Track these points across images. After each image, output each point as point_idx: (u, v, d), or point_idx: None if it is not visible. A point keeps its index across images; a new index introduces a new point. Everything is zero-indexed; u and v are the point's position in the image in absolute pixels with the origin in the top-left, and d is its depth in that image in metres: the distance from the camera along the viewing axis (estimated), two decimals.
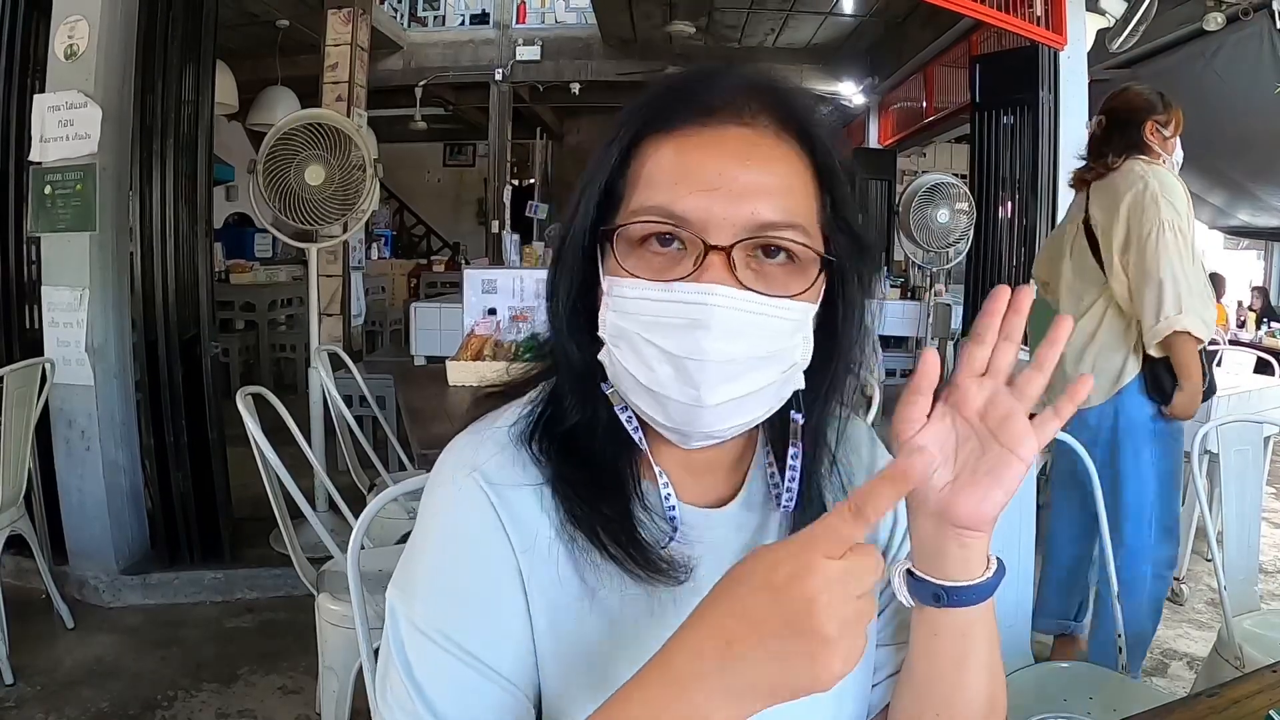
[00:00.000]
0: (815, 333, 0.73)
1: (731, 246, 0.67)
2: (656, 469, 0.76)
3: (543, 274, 0.81)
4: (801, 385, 0.73)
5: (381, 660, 0.73)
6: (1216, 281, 9.23)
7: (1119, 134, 2.59)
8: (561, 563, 0.72)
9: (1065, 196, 4.74)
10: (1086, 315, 2.61)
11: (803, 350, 0.72)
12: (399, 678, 0.69)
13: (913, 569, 0.70)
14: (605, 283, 0.71)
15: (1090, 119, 2.74)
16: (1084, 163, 2.71)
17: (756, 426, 0.76)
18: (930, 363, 0.67)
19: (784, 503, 0.78)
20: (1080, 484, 2.21)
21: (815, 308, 0.72)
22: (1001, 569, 0.70)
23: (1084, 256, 2.65)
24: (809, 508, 0.79)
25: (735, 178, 0.68)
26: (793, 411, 0.76)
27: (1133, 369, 2.54)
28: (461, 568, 0.71)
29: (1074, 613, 2.87)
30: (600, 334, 0.72)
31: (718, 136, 0.70)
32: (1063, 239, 2.79)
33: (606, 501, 0.73)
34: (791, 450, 0.77)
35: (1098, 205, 2.59)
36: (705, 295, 0.66)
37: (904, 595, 0.71)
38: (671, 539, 0.75)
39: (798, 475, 0.77)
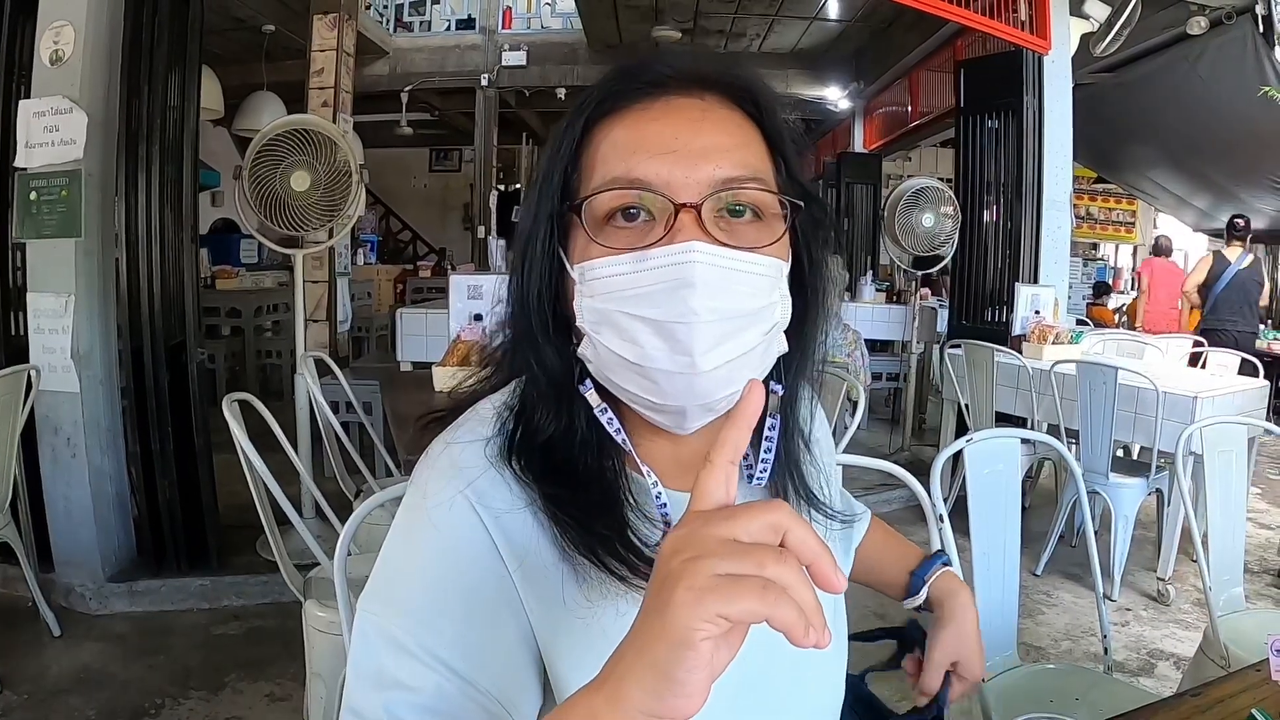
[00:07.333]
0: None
1: (701, 203, 0.67)
2: (644, 468, 0.73)
3: None
4: (784, 349, 0.73)
5: (349, 683, 0.67)
6: (1102, 288, 9.52)
7: None
8: (566, 584, 0.70)
9: (1050, 200, 4.80)
10: None
11: (781, 309, 0.71)
12: (372, 700, 0.64)
13: None
14: (575, 271, 0.70)
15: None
16: None
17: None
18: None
19: (756, 476, 0.77)
20: None
21: (787, 266, 0.72)
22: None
23: None
24: (783, 481, 0.81)
25: (691, 140, 0.68)
26: (772, 383, 0.76)
27: None
28: (453, 589, 0.67)
29: None
30: (579, 324, 0.70)
31: (669, 107, 0.70)
32: None
33: (599, 519, 0.70)
34: (769, 423, 0.76)
35: None
36: (686, 254, 0.65)
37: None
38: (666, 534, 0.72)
39: (773, 448, 0.76)
